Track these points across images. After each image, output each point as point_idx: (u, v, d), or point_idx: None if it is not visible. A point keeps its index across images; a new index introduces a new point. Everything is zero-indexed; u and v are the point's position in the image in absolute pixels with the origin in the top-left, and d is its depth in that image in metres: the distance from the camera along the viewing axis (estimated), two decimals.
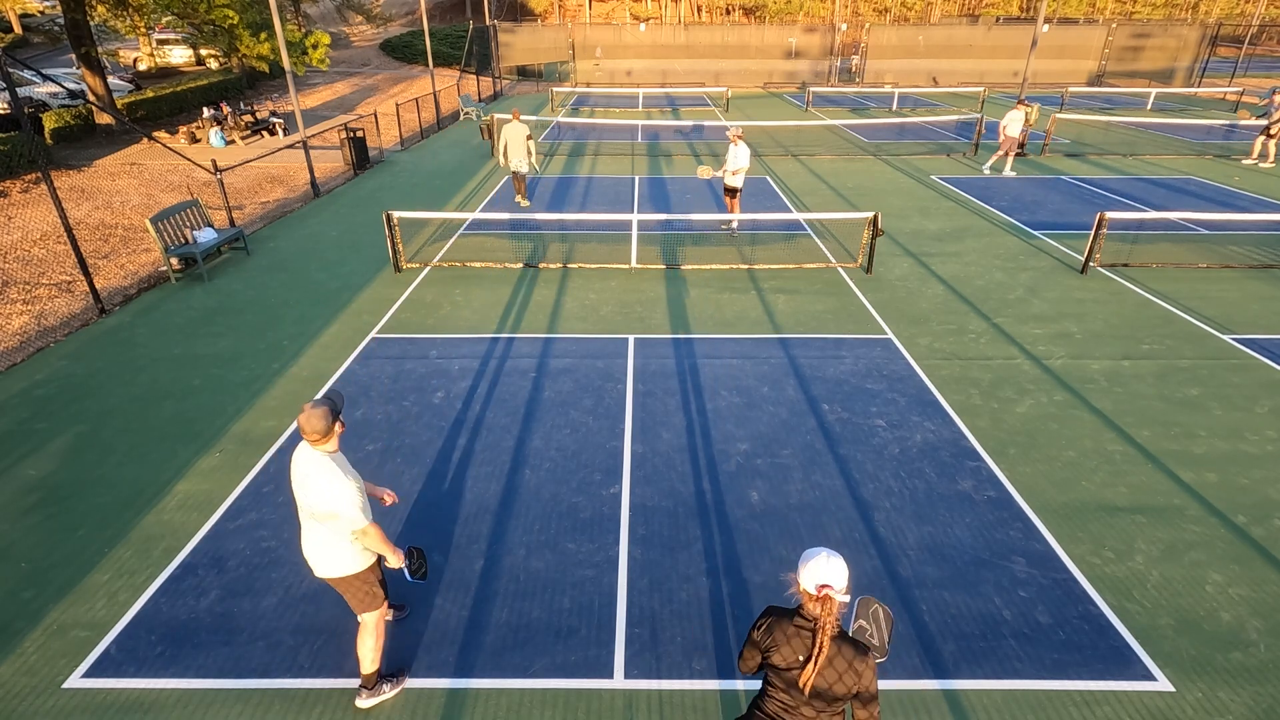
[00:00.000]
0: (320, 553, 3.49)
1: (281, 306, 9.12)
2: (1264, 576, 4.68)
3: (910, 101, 30.98)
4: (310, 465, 3.29)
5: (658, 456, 5.95)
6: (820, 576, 2.44)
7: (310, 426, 3.19)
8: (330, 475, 3.25)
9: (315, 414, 3.18)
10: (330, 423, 3.22)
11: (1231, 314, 8.75)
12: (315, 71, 33.41)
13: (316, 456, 3.28)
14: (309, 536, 3.50)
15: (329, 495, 3.26)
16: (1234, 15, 58.44)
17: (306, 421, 3.18)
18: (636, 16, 58.24)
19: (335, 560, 3.49)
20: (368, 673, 3.77)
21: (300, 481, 3.34)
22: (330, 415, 3.22)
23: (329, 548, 3.47)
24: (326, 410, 3.21)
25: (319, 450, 3.28)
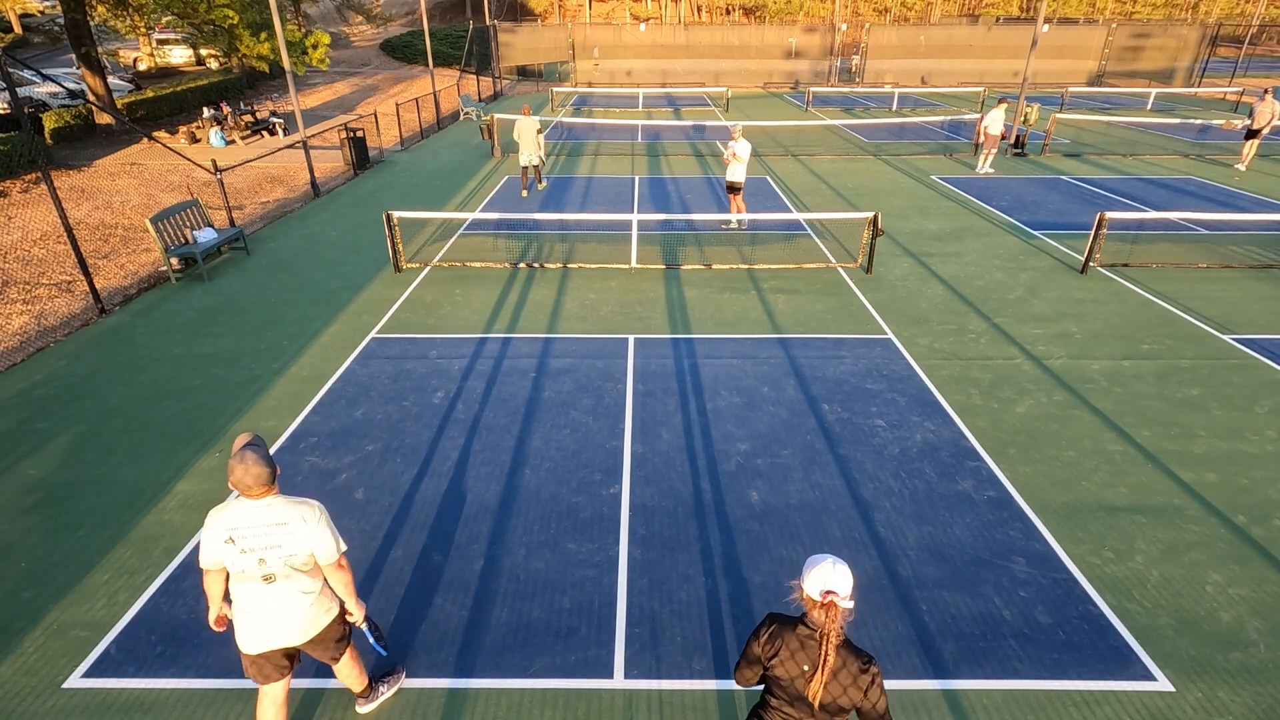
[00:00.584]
0: (299, 614, 3.11)
1: (281, 306, 9.12)
2: (1264, 576, 4.68)
3: (910, 101, 30.99)
4: (274, 514, 2.95)
5: (658, 456, 5.95)
6: (825, 583, 2.38)
7: (253, 479, 2.86)
8: (299, 513, 2.98)
9: (255, 466, 2.85)
10: (271, 468, 2.91)
11: (1231, 314, 8.75)
12: (315, 71, 33.42)
13: (272, 502, 2.97)
14: (275, 605, 3.06)
15: (308, 535, 2.99)
16: (1234, 15, 58.44)
17: (247, 472, 2.84)
18: (636, 16, 58.24)
19: (316, 614, 3.18)
20: (360, 689, 3.68)
21: (260, 541, 2.95)
22: (270, 462, 2.91)
23: (307, 604, 3.12)
24: (265, 456, 2.90)
25: (270, 496, 2.97)
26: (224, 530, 2.95)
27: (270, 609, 3.06)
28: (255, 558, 2.96)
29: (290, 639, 3.15)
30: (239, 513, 2.96)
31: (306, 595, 3.12)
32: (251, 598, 3.05)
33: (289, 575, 3.05)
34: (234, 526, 2.95)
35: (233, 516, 2.96)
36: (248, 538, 2.95)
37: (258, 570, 2.99)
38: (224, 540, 2.95)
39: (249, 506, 2.96)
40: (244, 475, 2.85)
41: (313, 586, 3.15)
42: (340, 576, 3.19)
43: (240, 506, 2.97)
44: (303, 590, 3.11)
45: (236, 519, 2.95)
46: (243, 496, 2.95)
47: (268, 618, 3.08)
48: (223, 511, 2.99)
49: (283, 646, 3.17)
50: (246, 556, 2.96)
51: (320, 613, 3.20)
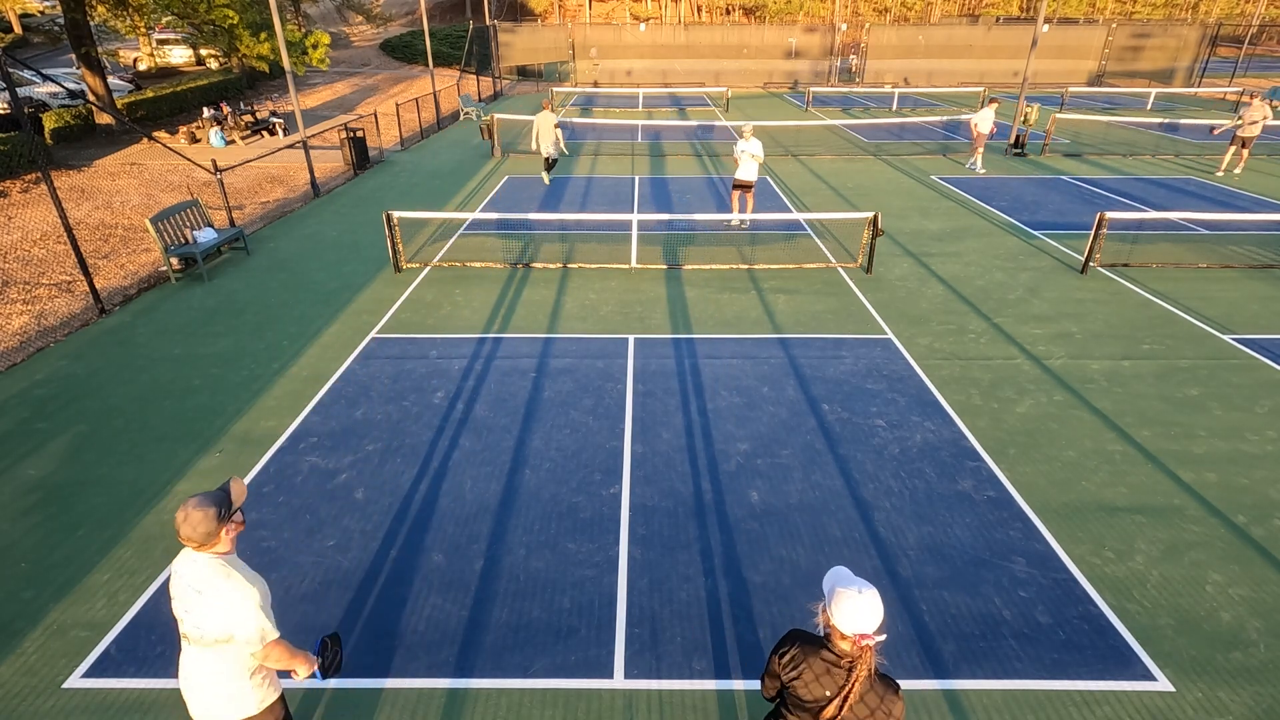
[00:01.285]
0: (209, 693, 2.71)
1: (281, 306, 9.12)
2: (1264, 576, 4.68)
3: (910, 101, 30.99)
4: (197, 576, 2.58)
5: (658, 456, 5.95)
6: (857, 626, 2.26)
7: (189, 530, 2.51)
8: (223, 583, 2.56)
9: (195, 514, 2.51)
10: (216, 524, 2.53)
11: (1231, 314, 8.75)
12: (315, 71, 33.42)
13: (204, 562, 2.58)
14: (194, 672, 2.71)
15: (223, 609, 2.56)
16: (1234, 15, 58.44)
17: (185, 522, 2.50)
18: (636, 16, 58.23)
19: (237, 699, 2.73)
20: None
21: (181, 597, 2.62)
22: (216, 516, 2.53)
23: (221, 683, 2.70)
24: (211, 510, 2.53)
25: (206, 554, 2.59)
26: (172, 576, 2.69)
27: (189, 676, 2.74)
28: (181, 608, 2.65)
29: (202, 715, 2.77)
30: (182, 560, 2.66)
31: (223, 674, 2.69)
32: (182, 657, 2.78)
33: (199, 644, 2.65)
34: (175, 571, 2.66)
35: (180, 562, 2.67)
36: (176, 589, 2.66)
37: (183, 627, 2.67)
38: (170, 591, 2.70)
39: (186, 558, 2.64)
40: (181, 523, 2.53)
41: (236, 668, 2.69)
42: (267, 661, 2.72)
43: (183, 556, 2.66)
44: (220, 669, 2.68)
45: (179, 565, 2.66)
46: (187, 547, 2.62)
47: (187, 685, 2.76)
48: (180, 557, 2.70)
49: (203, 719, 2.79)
50: (177, 607, 2.67)
51: (241, 700, 2.74)
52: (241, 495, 2.66)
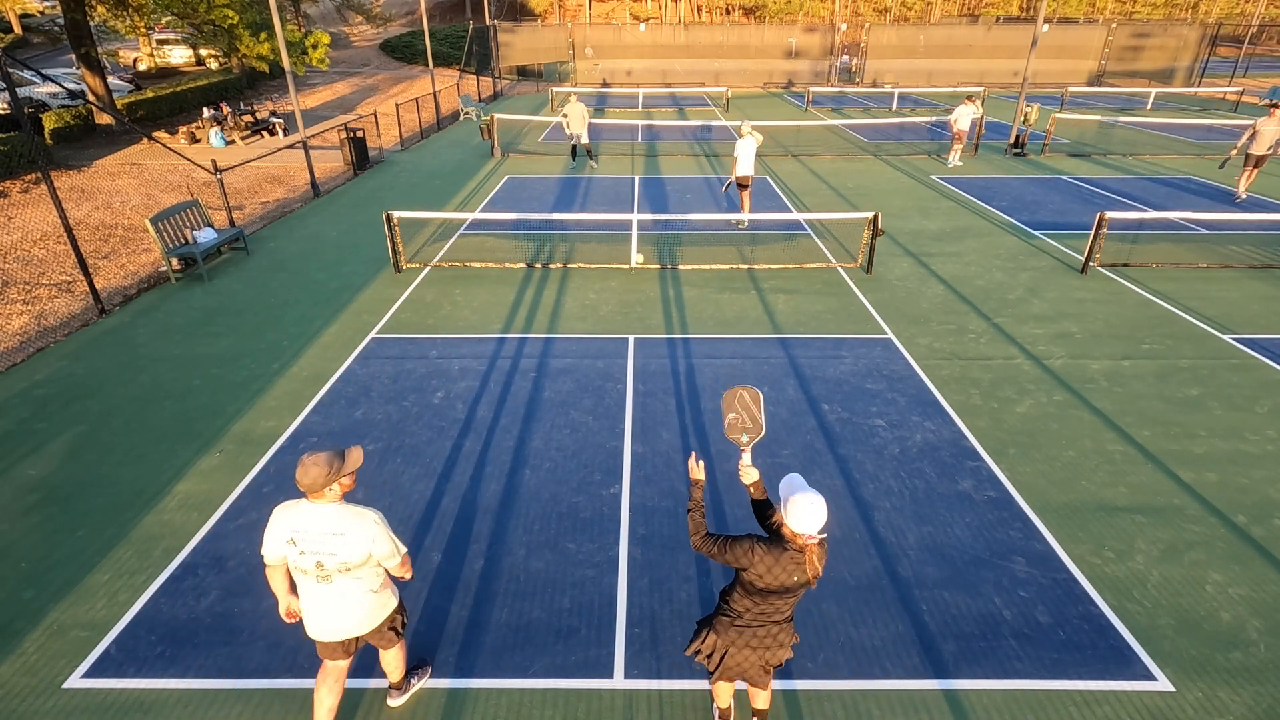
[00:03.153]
0: (356, 611, 3.22)
1: (281, 306, 9.12)
2: (1264, 576, 4.68)
3: (910, 101, 30.99)
4: (331, 522, 3.02)
5: (658, 456, 5.95)
6: (805, 528, 2.81)
7: (308, 480, 2.95)
8: (354, 520, 3.04)
9: (312, 467, 2.95)
10: (327, 476, 2.96)
11: (1231, 314, 8.75)
12: (315, 71, 33.42)
13: (330, 509, 3.03)
14: (339, 600, 3.16)
15: (364, 543, 3.05)
16: (1234, 15, 58.44)
17: (305, 477, 2.94)
18: (636, 16, 58.23)
19: (374, 610, 3.28)
20: (398, 679, 3.76)
21: (318, 542, 3.02)
22: (327, 470, 2.96)
23: (364, 602, 3.22)
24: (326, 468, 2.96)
25: (326, 503, 3.03)
26: (286, 530, 3.05)
27: (329, 605, 3.17)
28: (313, 560, 3.05)
29: (348, 632, 3.26)
30: (301, 515, 3.04)
31: (364, 594, 3.20)
32: (313, 594, 3.17)
33: (346, 577, 3.12)
34: (295, 528, 3.03)
35: (295, 517, 3.05)
36: (307, 540, 3.03)
37: (315, 571, 3.08)
38: (285, 540, 3.05)
39: (310, 510, 3.04)
40: (302, 477, 2.95)
41: (372, 584, 3.23)
42: (401, 574, 3.30)
43: (303, 509, 3.05)
44: (360, 590, 3.18)
45: (298, 521, 3.04)
46: (306, 499, 3.05)
47: (327, 613, 3.19)
48: (287, 511, 3.08)
49: (342, 639, 3.28)
50: (305, 558, 3.05)
51: (378, 608, 3.30)
52: (358, 461, 3.09)
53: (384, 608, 3.34)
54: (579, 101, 16.85)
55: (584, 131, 16.89)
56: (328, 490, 3.00)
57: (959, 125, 16.76)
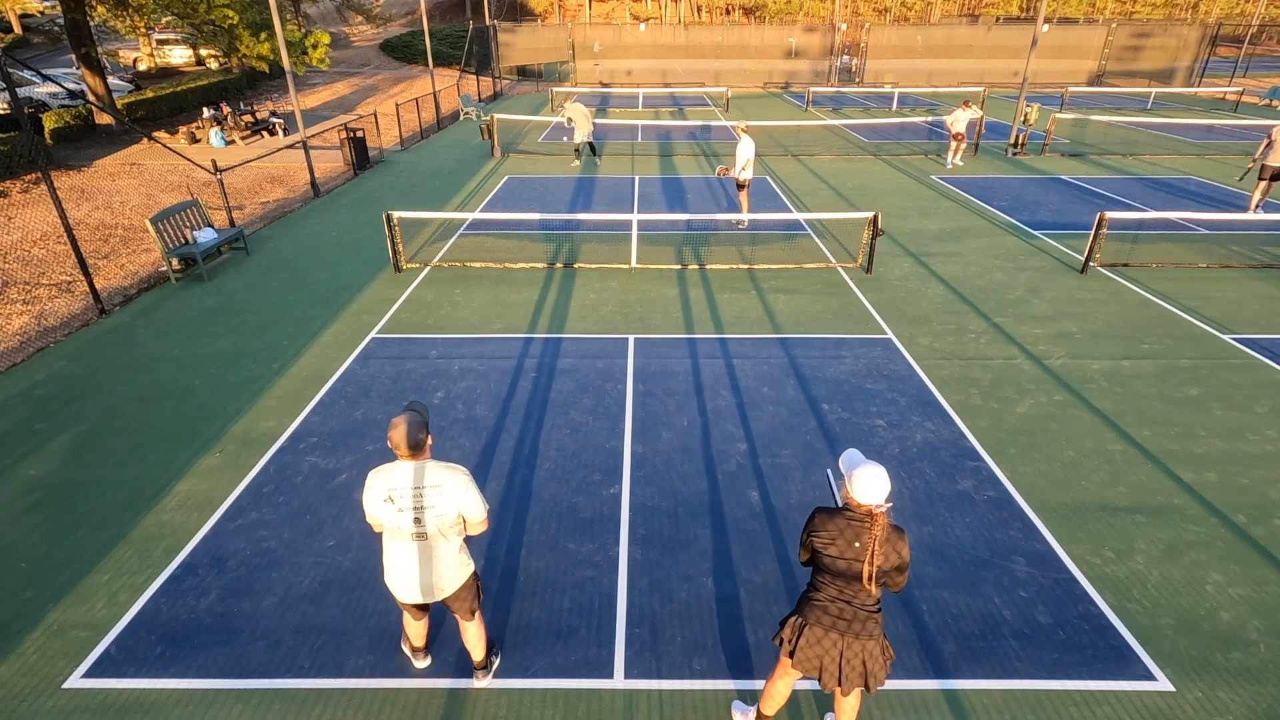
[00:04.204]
0: (442, 571, 3.37)
1: (281, 306, 9.12)
2: (1264, 576, 4.68)
3: (910, 101, 30.99)
4: (428, 478, 3.16)
5: (658, 456, 5.95)
6: (871, 497, 2.90)
7: (412, 439, 3.08)
8: (450, 477, 3.19)
9: (413, 429, 3.09)
10: (426, 433, 3.16)
11: (1231, 314, 8.75)
12: (315, 71, 33.42)
13: (426, 466, 3.17)
14: (426, 560, 3.31)
15: (457, 496, 3.20)
16: (1234, 15, 58.45)
17: (405, 437, 3.07)
18: (636, 16, 58.23)
19: (459, 569, 3.43)
20: (480, 658, 3.86)
21: (415, 498, 3.15)
22: (425, 426, 3.15)
23: (451, 560, 3.37)
24: (422, 423, 3.13)
25: (421, 460, 3.17)
26: (383, 490, 3.19)
27: (418, 566, 3.32)
28: (411, 517, 3.19)
29: (437, 592, 3.42)
30: (397, 474, 3.18)
31: (450, 554, 3.36)
32: (402, 553, 3.32)
33: (438, 534, 3.27)
34: (393, 487, 3.18)
35: (391, 477, 3.19)
36: (404, 497, 3.17)
37: (412, 529, 3.23)
38: (383, 499, 3.19)
39: (405, 468, 3.18)
40: (401, 438, 3.07)
41: (457, 544, 3.40)
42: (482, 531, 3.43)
43: (398, 468, 3.19)
44: (450, 549, 3.35)
45: (394, 480, 3.18)
46: (399, 460, 3.17)
47: (414, 574, 3.35)
48: (381, 473, 3.22)
49: (427, 600, 3.45)
50: (403, 515, 3.19)
51: (460, 569, 3.45)
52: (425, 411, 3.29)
53: (466, 568, 3.50)
54: (578, 102, 16.89)
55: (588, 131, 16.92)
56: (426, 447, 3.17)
57: (956, 128, 16.89)
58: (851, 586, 3.01)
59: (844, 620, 3.05)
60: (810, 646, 3.11)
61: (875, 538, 2.89)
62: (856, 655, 3.05)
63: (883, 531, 2.90)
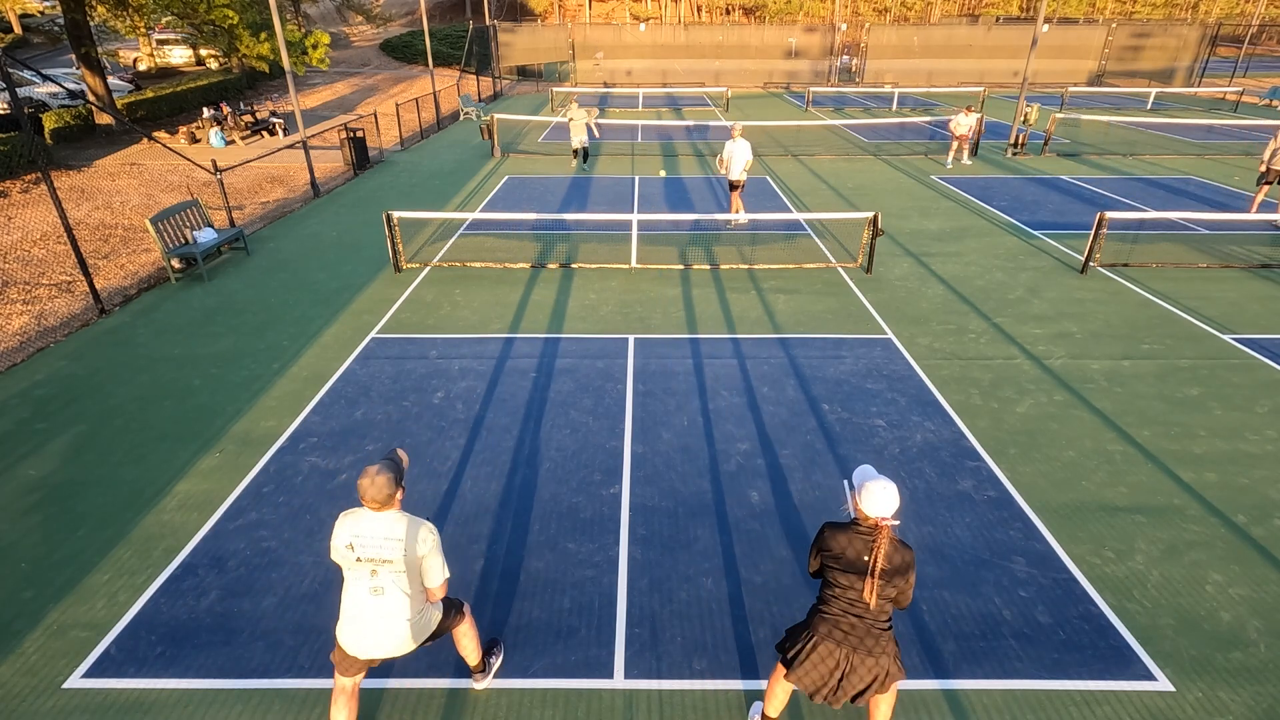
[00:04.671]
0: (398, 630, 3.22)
1: (281, 306, 9.12)
2: (1264, 576, 4.68)
3: (911, 101, 30.99)
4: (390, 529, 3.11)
5: (658, 456, 5.95)
6: (879, 510, 2.99)
7: (376, 492, 3.04)
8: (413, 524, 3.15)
9: (380, 480, 3.04)
10: (396, 488, 3.09)
11: (1231, 314, 8.75)
12: (315, 71, 33.42)
13: (390, 517, 3.12)
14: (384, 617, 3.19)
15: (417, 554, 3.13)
16: (1234, 15, 58.45)
17: (372, 486, 3.03)
18: (636, 16, 58.24)
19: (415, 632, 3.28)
20: (475, 662, 3.83)
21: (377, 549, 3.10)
22: (395, 482, 3.09)
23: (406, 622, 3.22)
24: (391, 476, 3.07)
25: (391, 513, 3.12)
26: (347, 535, 3.14)
27: (374, 620, 3.20)
28: (369, 568, 3.14)
29: (389, 651, 3.26)
30: (362, 521, 3.13)
31: (408, 614, 3.22)
32: (360, 604, 3.20)
33: (395, 590, 3.17)
34: (356, 533, 3.12)
35: (356, 524, 3.14)
36: (366, 546, 3.11)
37: (369, 581, 3.16)
38: (345, 545, 3.14)
39: (370, 517, 3.13)
40: (369, 487, 3.03)
41: (418, 603, 3.26)
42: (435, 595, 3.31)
43: (364, 515, 3.14)
44: (406, 607, 3.21)
45: (359, 527, 3.13)
46: (366, 508, 3.12)
47: (370, 629, 3.21)
48: (348, 518, 3.17)
49: (379, 658, 3.28)
50: (361, 564, 3.14)
51: (419, 631, 3.31)
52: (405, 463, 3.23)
53: (423, 631, 3.34)
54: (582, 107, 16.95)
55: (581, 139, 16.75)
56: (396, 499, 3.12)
57: (957, 131, 17.27)
58: (855, 588, 3.07)
59: (855, 635, 3.07)
60: (816, 665, 3.14)
61: (880, 548, 2.97)
62: (867, 670, 3.08)
63: (888, 544, 2.98)
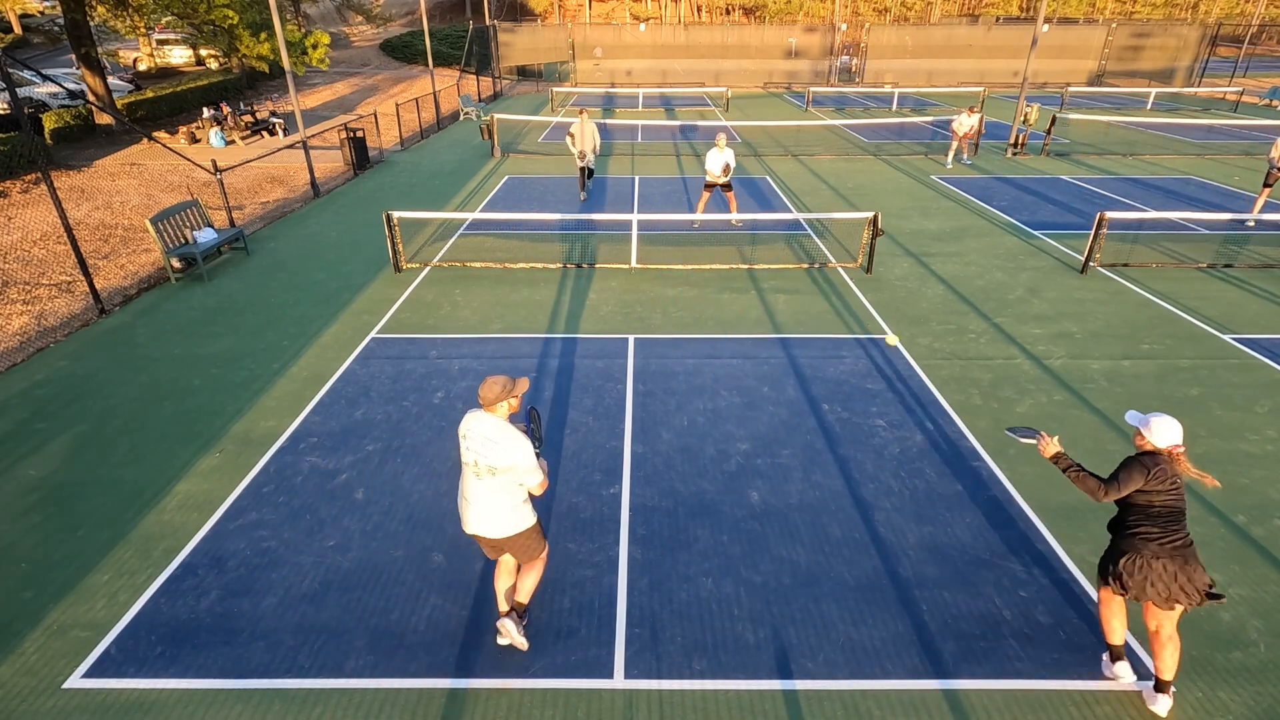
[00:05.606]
0: (499, 512, 3.75)
1: (281, 306, 9.12)
2: (1264, 576, 4.68)
3: (910, 101, 30.98)
4: (490, 430, 3.62)
5: (658, 456, 5.95)
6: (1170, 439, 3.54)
7: (487, 390, 3.60)
8: (510, 431, 3.63)
9: (492, 382, 3.61)
10: (502, 391, 3.59)
11: (1231, 314, 8.75)
12: (315, 71, 33.42)
13: (492, 421, 3.64)
14: (485, 500, 3.73)
15: (512, 453, 3.59)
16: (1234, 15, 58.44)
17: (484, 386, 3.61)
18: (636, 16, 58.24)
19: (512, 518, 3.78)
20: (524, 601, 4.09)
21: (476, 445, 3.64)
22: (503, 387, 3.60)
23: (506, 507, 3.75)
24: (504, 380, 3.62)
25: (493, 416, 3.65)
26: (463, 429, 3.74)
27: (480, 500, 3.75)
28: (473, 457, 3.68)
29: (490, 531, 3.80)
30: (473, 420, 3.71)
31: (506, 500, 3.74)
32: (468, 487, 3.79)
33: (492, 481, 3.69)
34: (467, 429, 3.71)
35: (469, 420, 3.73)
36: (471, 440, 3.68)
37: (474, 469, 3.71)
38: (461, 435, 3.75)
39: (480, 417, 3.70)
40: (482, 387, 3.63)
41: (513, 495, 3.76)
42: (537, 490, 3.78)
43: (477, 415, 3.72)
44: (503, 495, 3.72)
45: (470, 424, 3.71)
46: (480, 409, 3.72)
47: (476, 508, 3.77)
48: (469, 415, 3.76)
49: (485, 536, 3.83)
50: (468, 454, 3.70)
51: (516, 519, 3.80)
52: (525, 386, 3.72)
53: (522, 521, 3.83)
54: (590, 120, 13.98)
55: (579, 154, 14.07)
56: (498, 405, 3.62)
57: (958, 130, 17.39)
58: (1177, 520, 3.50)
59: (1184, 549, 3.50)
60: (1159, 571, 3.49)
61: (1187, 468, 3.50)
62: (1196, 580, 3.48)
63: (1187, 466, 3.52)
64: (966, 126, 17.23)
